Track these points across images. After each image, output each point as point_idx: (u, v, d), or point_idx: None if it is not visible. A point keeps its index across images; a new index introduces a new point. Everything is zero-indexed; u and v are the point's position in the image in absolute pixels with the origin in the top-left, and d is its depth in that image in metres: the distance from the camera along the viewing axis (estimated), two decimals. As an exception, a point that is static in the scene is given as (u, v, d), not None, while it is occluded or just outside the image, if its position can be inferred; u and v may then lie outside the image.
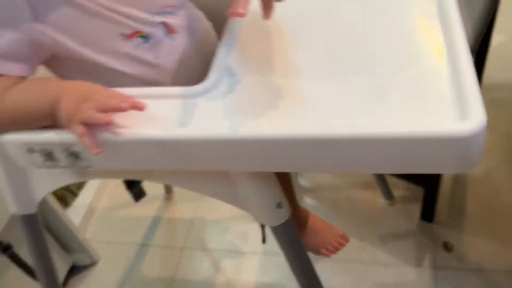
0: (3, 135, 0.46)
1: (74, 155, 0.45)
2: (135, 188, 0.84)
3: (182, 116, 0.43)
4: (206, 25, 0.58)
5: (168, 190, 1.29)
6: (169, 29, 0.52)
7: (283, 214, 0.51)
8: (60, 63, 0.49)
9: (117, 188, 1.36)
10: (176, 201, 1.30)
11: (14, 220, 0.97)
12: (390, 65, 0.43)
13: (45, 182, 0.56)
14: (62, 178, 0.54)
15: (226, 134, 0.40)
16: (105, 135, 0.42)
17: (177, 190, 1.31)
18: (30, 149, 0.45)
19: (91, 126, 0.42)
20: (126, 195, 1.33)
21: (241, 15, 0.42)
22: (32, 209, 0.60)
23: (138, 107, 0.42)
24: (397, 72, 0.42)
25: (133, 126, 0.42)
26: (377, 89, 0.41)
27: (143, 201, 1.32)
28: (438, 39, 0.44)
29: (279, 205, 0.50)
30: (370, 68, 0.43)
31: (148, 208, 1.29)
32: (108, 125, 0.41)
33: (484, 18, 0.89)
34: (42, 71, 0.51)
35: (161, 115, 0.43)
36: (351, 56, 0.46)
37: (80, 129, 0.41)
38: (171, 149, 0.42)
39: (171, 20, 0.52)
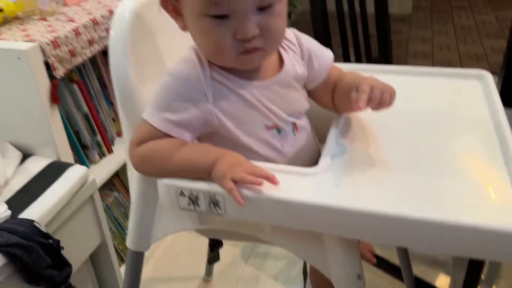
0: (163, 179, 0.61)
1: (214, 203, 0.58)
2: (215, 251, 0.94)
3: (300, 187, 0.57)
4: (312, 128, 0.74)
5: (208, 273, 1.37)
6: (295, 128, 0.68)
7: (361, 286, 0.61)
8: (211, 137, 0.65)
9: (161, 261, 1.45)
10: (214, 283, 1.37)
11: (83, 266, 1.07)
12: (463, 172, 0.58)
13: (167, 226, 0.69)
14: (183, 223, 0.67)
15: (331, 203, 0.54)
16: (246, 192, 0.56)
17: (215, 274, 1.38)
18: (181, 192, 0.59)
19: (238, 184, 0.56)
20: (167, 270, 1.42)
21: (361, 109, 0.58)
22: (145, 248, 0.72)
23: (275, 182, 0.56)
24: (470, 178, 0.57)
25: (264, 189, 0.57)
26: (455, 190, 0.55)
27: (182, 279, 1.41)
28: (498, 156, 0.60)
29: (359, 277, 0.61)
30: (446, 172, 0.58)
31: (187, 286, 1.36)
32: (260, 185, 0.55)
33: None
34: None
35: (284, 185, 0.57)
36: (433, 158, 0.61)
37: (231, 184, 0.55)
38: (290, 210, 0.55)
39: (297, 121, 0.68)
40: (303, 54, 0.69)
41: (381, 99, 0.60)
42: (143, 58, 0.70)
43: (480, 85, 0.76)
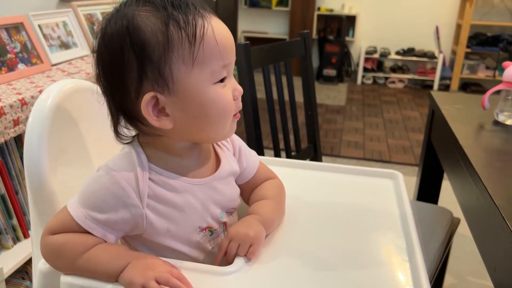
0: (66, 275, 0.56)
1: (120, 304, 0.55)
2: None
3: (213, 287, 0.56)
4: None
5: None
6: (225, 228, 0.66)
7: None
8: (137, 237, 0.61)
9: None
10: None
11: None
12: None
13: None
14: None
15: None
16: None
17: None
18: (84, 292, 0.55)
19: None
20: None
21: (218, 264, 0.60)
22: None
23: None
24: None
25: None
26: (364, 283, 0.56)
27: None
28: (405, 266, 0.61)
29: None
30: (357, 265, 0.59)
31: None
32: None
33: (437, 259, 1.09)
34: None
35: (197, 285, 0.55)
36: (345, 251, 0.62)
37: None
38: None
39: (228, 220, 0.67)
40: (234, 151, 0.71)
41: (237, 251, 0.60)
42: (63, 143, 0.68)
43: (392, 183, 0.83)
